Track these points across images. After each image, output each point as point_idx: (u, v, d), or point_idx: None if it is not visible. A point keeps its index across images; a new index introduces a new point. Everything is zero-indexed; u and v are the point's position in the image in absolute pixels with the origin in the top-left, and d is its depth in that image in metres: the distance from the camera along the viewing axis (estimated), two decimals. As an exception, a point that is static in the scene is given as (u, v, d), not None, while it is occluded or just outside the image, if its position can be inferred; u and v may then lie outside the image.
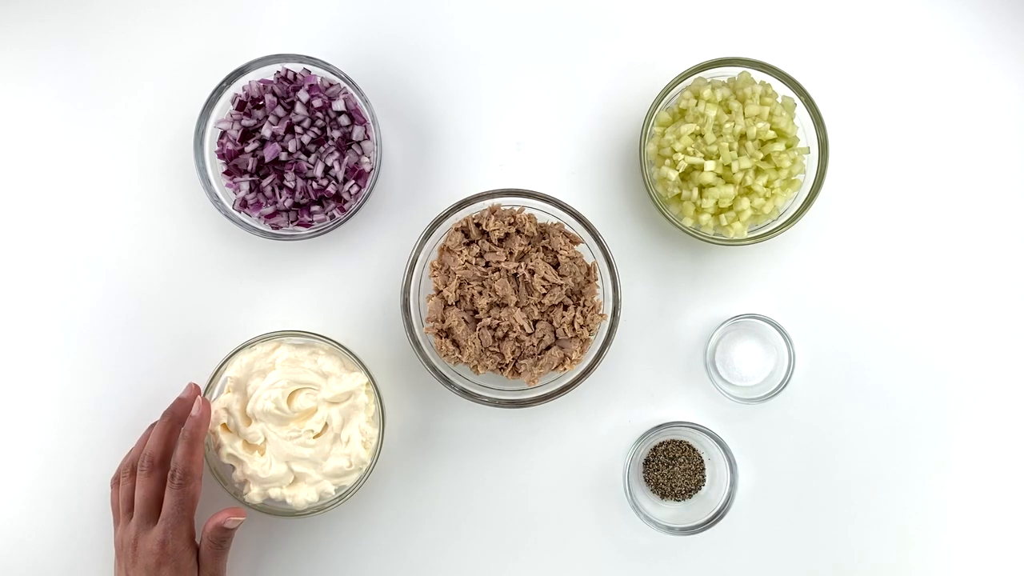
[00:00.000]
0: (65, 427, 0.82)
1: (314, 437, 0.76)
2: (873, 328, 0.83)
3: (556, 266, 0.78)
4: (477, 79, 0.83)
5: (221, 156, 0.79)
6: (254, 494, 0.76)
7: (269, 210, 0.78)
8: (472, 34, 0.84)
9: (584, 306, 0.78)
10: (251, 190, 0.78)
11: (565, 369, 0.78)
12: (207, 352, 0.81)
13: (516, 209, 0.78)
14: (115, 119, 0.83)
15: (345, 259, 0.83)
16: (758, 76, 0.79)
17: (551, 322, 0.78)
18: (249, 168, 0.78)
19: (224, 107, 0.79)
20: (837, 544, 0.82)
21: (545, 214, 0.79)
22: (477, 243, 0.78)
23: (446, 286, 0.77)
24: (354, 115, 0.79)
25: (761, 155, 0.76)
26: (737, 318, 0.81)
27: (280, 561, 0.82)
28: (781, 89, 0.79)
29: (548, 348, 0.78)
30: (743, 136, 0.76)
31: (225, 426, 0.77)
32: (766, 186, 0.77)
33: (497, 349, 0.77)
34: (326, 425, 0.76)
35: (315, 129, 0.78)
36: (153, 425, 0.77)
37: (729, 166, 0.76)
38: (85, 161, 0.83)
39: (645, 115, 0.78)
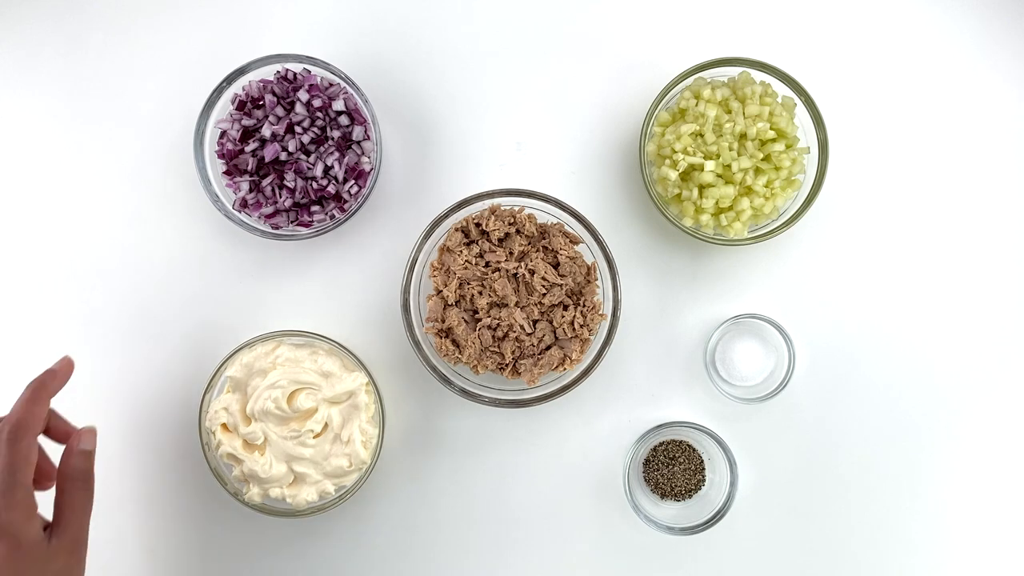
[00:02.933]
0: (65, 427, 0.82)
1: (314, 437, 0.76)
2: (873, 328, 0.83)
3: (556, 266, 0.78)
4: (477, 79, 0.83)
5: (221, 156, 0.79)
6: (254, 494, 0.76)
7: (269, 210, 0.78)
8: (472, 34, 0.84)
9: (584, 306, 0.78)
10: (251, 190, 0.78)
11: (565, 369, 0.78)
12: (207, 352, 0.81)
13: (516, 209, 0.78)
14: (115, 119, 0.83)
15: (345, 259, 0.83)
16: (758, 76, 0.79)
17: (551, 322, 0.78)
18: (249, 168, 0.78)
19: (224, 107, 0.79)
20: (837, 544, 0.82)
21: (545, 214, 0.79)
22: (477, 243, 0.78)
23: (446, 286, 0.77)
24: (354, 115, 0.79)
25: (761, 155, 0.76)
26: (737, 318, 0.81)
27: (280, 561, 0.82)
28: (781, 89, 0.79)
29: (548, 348, 0.78)
30: (743, 136, 0.76)
31: (225, 426, 0.76)
32: (766, 186, 0.77)
33: (497, 349, 0.77)
34: (326, 425, 0.76)
35: (315, 129, 0.77)
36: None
37: (729, 166, 0.76)
38: (85, 161, 0.83)
39: (645, 115, 0.78)
